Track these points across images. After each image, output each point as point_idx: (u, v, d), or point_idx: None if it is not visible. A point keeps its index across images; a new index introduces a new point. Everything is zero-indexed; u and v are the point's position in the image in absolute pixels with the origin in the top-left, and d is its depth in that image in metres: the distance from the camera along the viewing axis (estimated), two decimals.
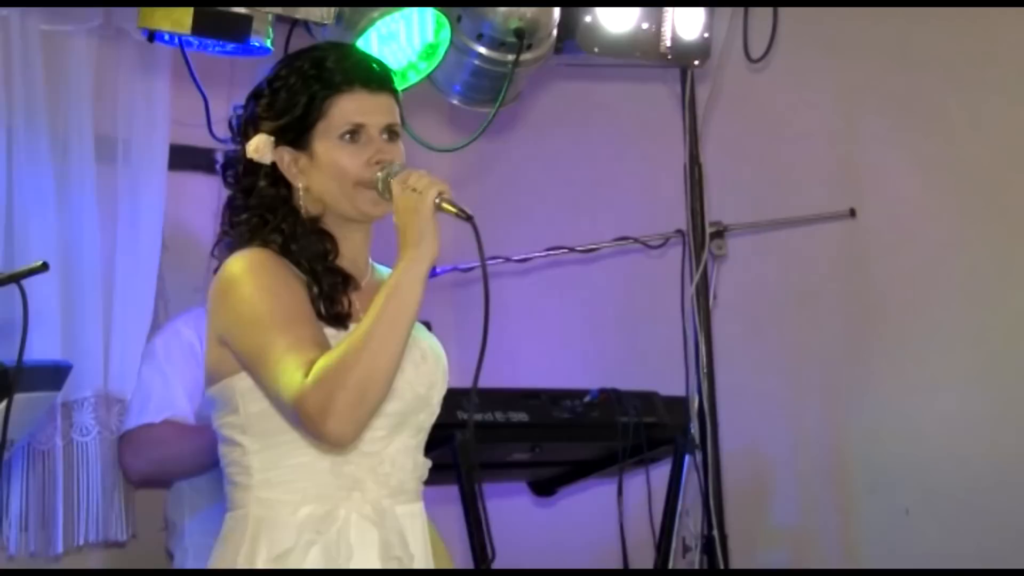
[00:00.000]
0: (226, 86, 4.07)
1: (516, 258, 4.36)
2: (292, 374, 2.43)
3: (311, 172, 2.63)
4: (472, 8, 3.67)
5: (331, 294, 2.60)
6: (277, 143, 2.64)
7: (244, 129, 2.68)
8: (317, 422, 2.41)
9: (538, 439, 4.04)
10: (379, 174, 2.58)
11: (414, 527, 2.64)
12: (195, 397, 4.02)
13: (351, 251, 2.66)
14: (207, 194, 4.48)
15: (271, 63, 3.49)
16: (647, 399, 4.17)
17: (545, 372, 4.65)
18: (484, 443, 3.84)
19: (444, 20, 3.64)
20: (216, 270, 2.63)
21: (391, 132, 2.65)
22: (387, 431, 2.59)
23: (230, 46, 3.22)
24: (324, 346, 2.49)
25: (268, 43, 3.36)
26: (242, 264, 2.57)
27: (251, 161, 2.65)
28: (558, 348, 4.87)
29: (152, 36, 3.05)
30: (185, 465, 3.94)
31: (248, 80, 4.17)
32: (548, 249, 4.50)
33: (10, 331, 3.80)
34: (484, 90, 3.85)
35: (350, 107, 2.62)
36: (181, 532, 4.06)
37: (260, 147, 2.63)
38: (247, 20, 3.04)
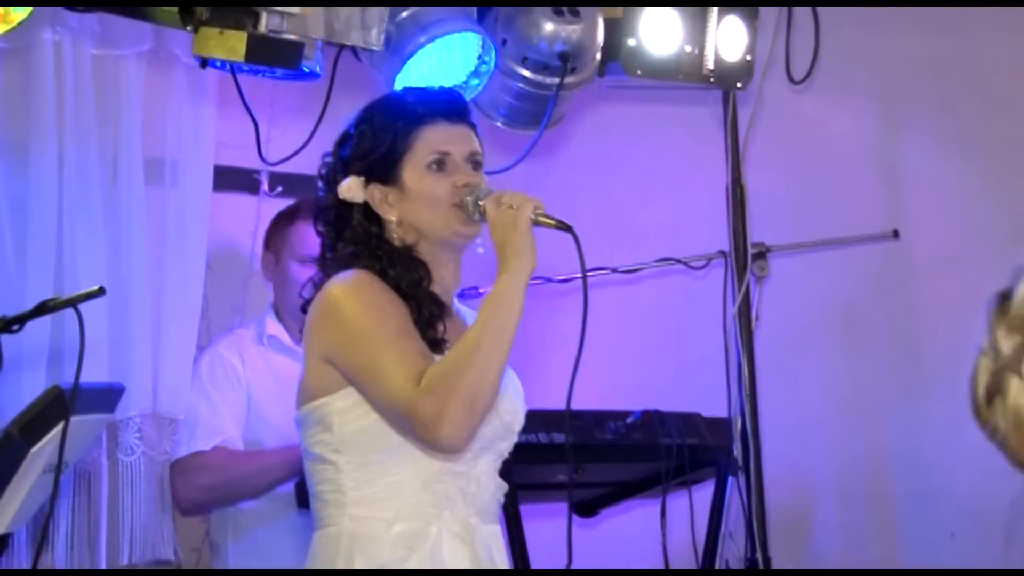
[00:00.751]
0: (267, 108, 4.10)
1: (558, 278, 4.36)
2: (404, 385, 2.55)
3: (402, 204, 2.73)
4: (517, 32, 3.70)
5: (429, 319, 2.70)
6: (367, 182, 2.74)
7: (333, 175, 2.79)
8: (431, 429, 2.53)
9: (580, 460, 4.04)
10: (468, 197, 2.69)
11: (498, 546, 2.74)
12: (240, 421, 4.04)
13: (442, 279, 2.76)
14: (247, 214, 4.52)
15: (319, 88, 3.55)
16: (689, 420, 4.16)
17: (587, 393, 4.64)
18: (525, 463, 3.85)
19: (490, 44, 3.67)
20: (304, 307, 2.75)
21: (475, 160, 2.76)
22: (474, 453, 2.69)
23: (280, 71, 3.26)
24: (431, 358, 2.61)
25: (317, 68, 3.39)
26: (345, 285, 2.68)
27: (343, 203, 2.76)
28: (600, 369, 4.86)
29: (204, 62, 3.09)
30: (236, 491, 3.97)
31: (289, 102, 4.22)
32: (590, 270, 4.47)
33: (58, 354, 3.85)
34: (528, 113, 3.87)
35: (435, 137, 2.73)
36: (225, 553, 4.08)
37: (352, 187, 2.75)
38: (299, 47, 3.07)
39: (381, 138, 2.74)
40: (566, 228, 2.66)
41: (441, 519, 2.66)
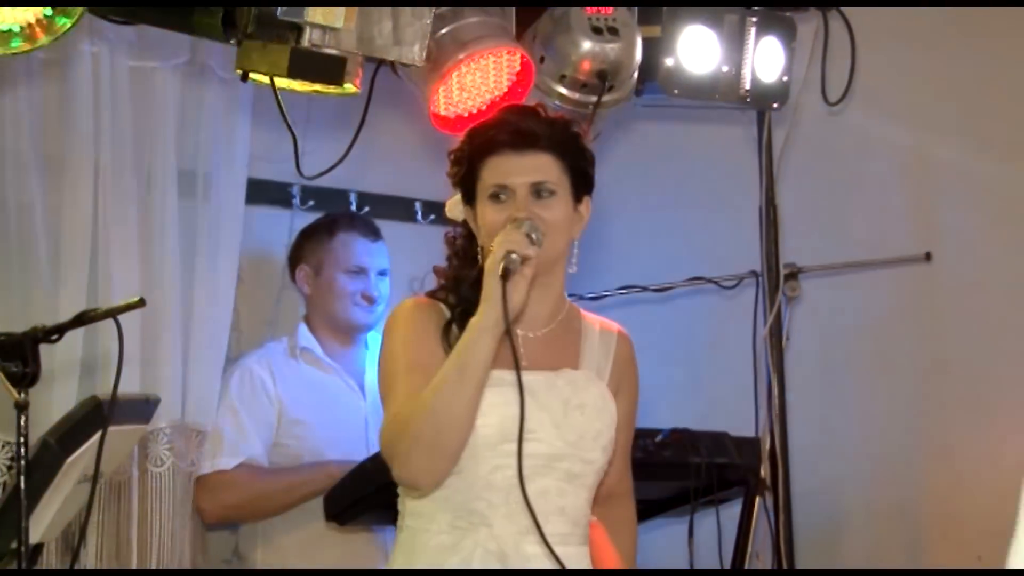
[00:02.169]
0: (303, 122, 4.11)
1: (589, 296, 4.36)
2: (386, 419, 2.69)
3: (478, 228, 2.79)
4: (555, 50, 3.70)
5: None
6: (465, 203, 2.82)
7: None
8: (391, 466, 2.66)
9: None
10: (508, 227, 2.70)
11: (547, 566, 2.70)
12: (268, 437, 4.05)
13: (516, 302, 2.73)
14: (280, 227, 4.53)
15: (356, 102, 3.55)
16: (718, 439, 4.15)
17: None
18: None
19: (527, 62, 3.67)
20: None
21: (539, 190, 2.74)
22: (526, 472, 2.64)
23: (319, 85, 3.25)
24: None
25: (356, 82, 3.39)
26: (392, 315, 2.81)
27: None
28: None
29: (246, 76, 3.08)
30: (261, 508, 4.01)
31: (325, 116, 4.22)
32: (621, 288, 4.50)
33: (92, 365, 3.85)
34: None
35: (497, 169, 2.76)
36: (254, 564, 4.10)
37: (452, 207, 2.86)
38: (341, 62, 3.07)
39: (460, 164, 2.81)
40: (503, 277, 2.57)
41: (477, 534, 2.69)
